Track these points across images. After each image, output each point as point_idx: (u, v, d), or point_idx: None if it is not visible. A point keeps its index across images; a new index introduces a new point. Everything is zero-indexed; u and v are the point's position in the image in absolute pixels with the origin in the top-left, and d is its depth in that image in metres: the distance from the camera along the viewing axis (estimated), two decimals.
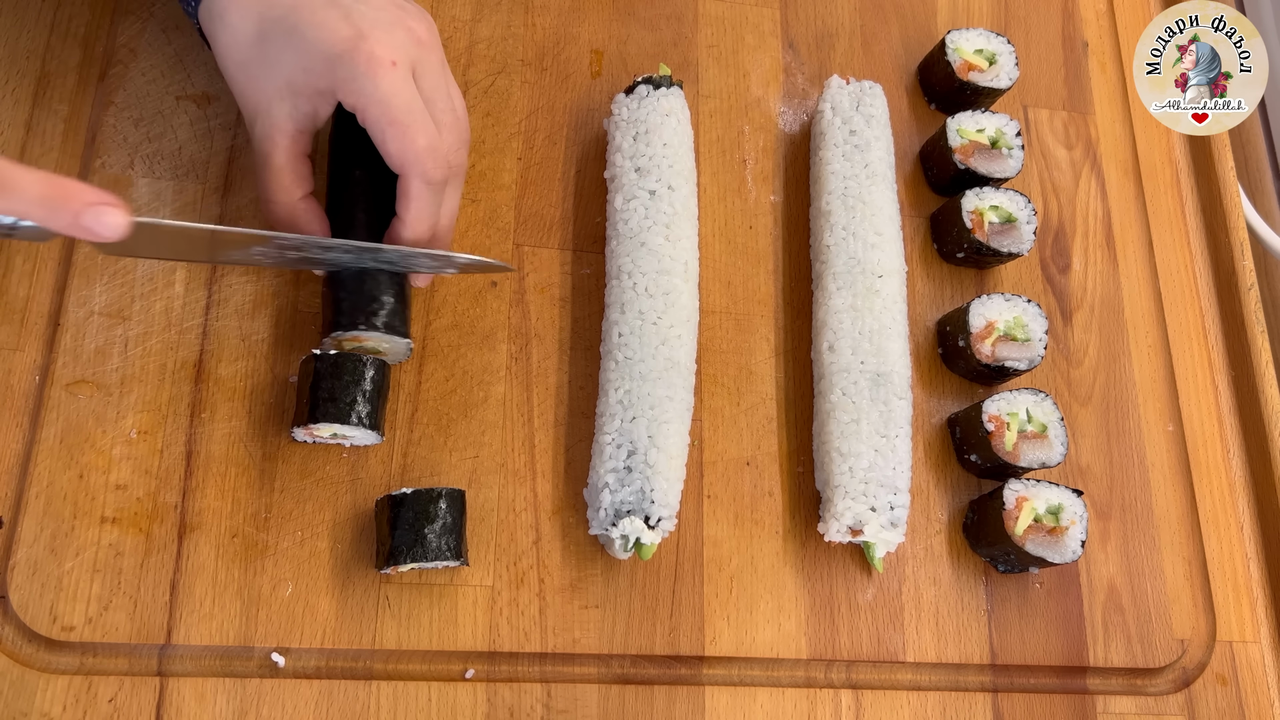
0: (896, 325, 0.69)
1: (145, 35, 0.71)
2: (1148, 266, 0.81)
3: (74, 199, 0.50)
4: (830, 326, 0.69)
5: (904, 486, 0.66)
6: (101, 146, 0.68)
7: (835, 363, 0.68)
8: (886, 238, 0.71)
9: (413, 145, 0.57)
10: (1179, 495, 0.74)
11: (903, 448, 0.66)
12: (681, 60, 0.79)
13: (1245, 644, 0.71)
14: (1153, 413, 0.76)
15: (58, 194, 0.50)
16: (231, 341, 0.65)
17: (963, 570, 0.69)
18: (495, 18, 0.77)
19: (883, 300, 0.69)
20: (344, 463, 0.64)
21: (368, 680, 0.60)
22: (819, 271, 0.72)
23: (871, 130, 0.74)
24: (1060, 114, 0.84)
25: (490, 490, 0.65)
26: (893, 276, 0.70)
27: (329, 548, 0.62)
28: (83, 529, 0.60)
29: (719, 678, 0.64)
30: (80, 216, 0.50)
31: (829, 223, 0.72)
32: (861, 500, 0.64)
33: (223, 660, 0.60)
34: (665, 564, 0.66)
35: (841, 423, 0.66)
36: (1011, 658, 0.68)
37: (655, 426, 0.63)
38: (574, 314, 0.70)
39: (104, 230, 0.51)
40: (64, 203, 0.50)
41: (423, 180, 0.59)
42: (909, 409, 0.68)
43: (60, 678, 0.58)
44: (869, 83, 0.76)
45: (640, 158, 0.69)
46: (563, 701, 0.62)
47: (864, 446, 0.65)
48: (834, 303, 0.70)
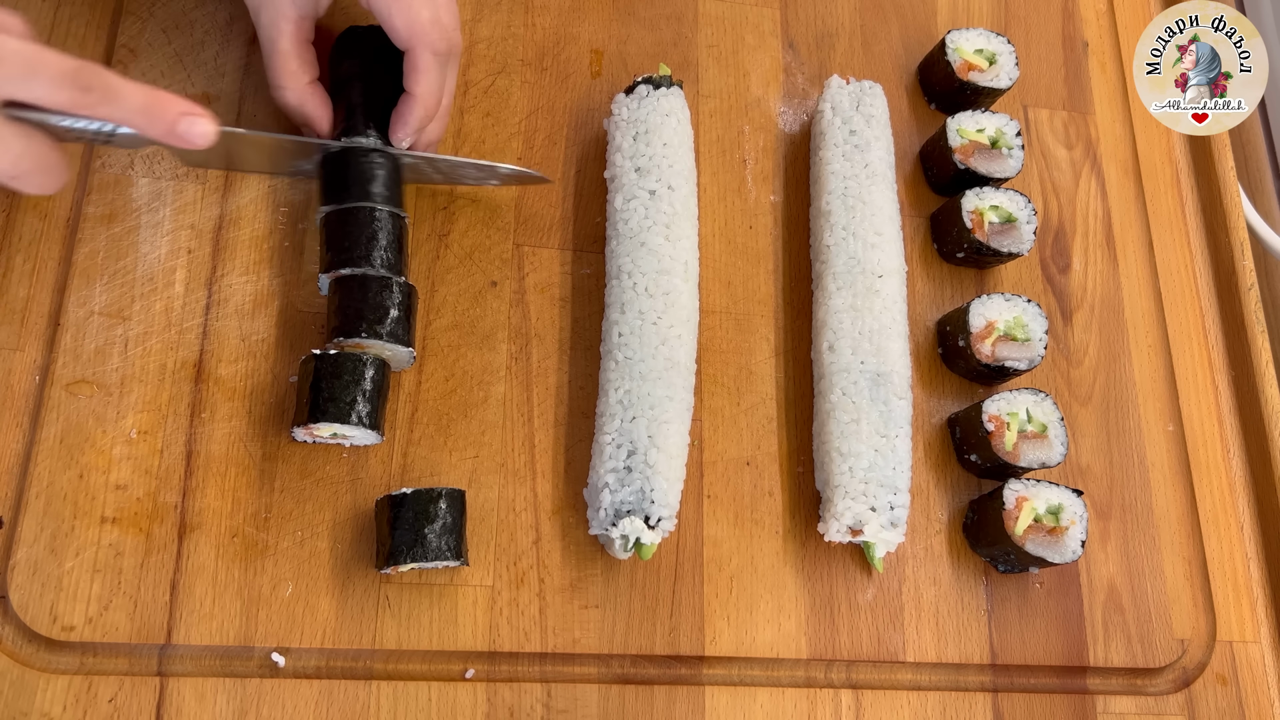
0: (896, 325, 0.69)
1: (145, 35, 0.71)
2: (1148, 266, 0.81)
3: (170, 108, 0.56)
4: (830, 326, 0.69)
5: (904, 486, 0.66)
6: (102, 147, 0.68)
7: (835, 363, 0.68)
8: (886, 238, 0.71)
9: (418, 18, 0.62)
10: (1179, 495, 0.74)
11: (903, 447, 0.66)
12: (681, 60, 0.79)
13: (1245, 644, 0.71)
14: (1153, 413, 0.76)
15: (156, 104, 0.55)
16: (231, 341, 0.65)
17: (963, 570, 0.69)
18: (495, 18, 0.77)
19: (883, 300, 0.69)
20: (344, 463, 0.64)
21: (368, 680, 0.60)
22: (819, 271, 0.72)
23: (871, 130, 0.74)
24: (1060, 114, 0.84)
25: (490, 490, 0.65)
26: (893, 276, 0.70)
27: (329, 548, 0.62)
28: (83, 529, 0.60)
29: (719, 678, 0.64)
30: (175, 124, 0.56)
31: (829, 223, 0.72)
32: (861, 500, 0.64)
33: (223, 660, 0.60)
34: (665, 564, 0.66)
35: (841, 423, 0.66)
36: (1011, 658, 0.68)
37: (655, 426, 0.63)
38: (574, 314, 0.70)
39: (195, 137, 0.56)
40: (161, 112, 0.56)
41: (430, 51, 0.63)
42: (909, 409, 0.68)
43: (60, 678, 0.58)
44: (869, 83, 0.76)
45: (640, 158, 0.69)
46: (563, 701, 0.62)
47: (864, 446, 0.65)
48: (834, 302, 0.70)
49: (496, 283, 0.70)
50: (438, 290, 0.69)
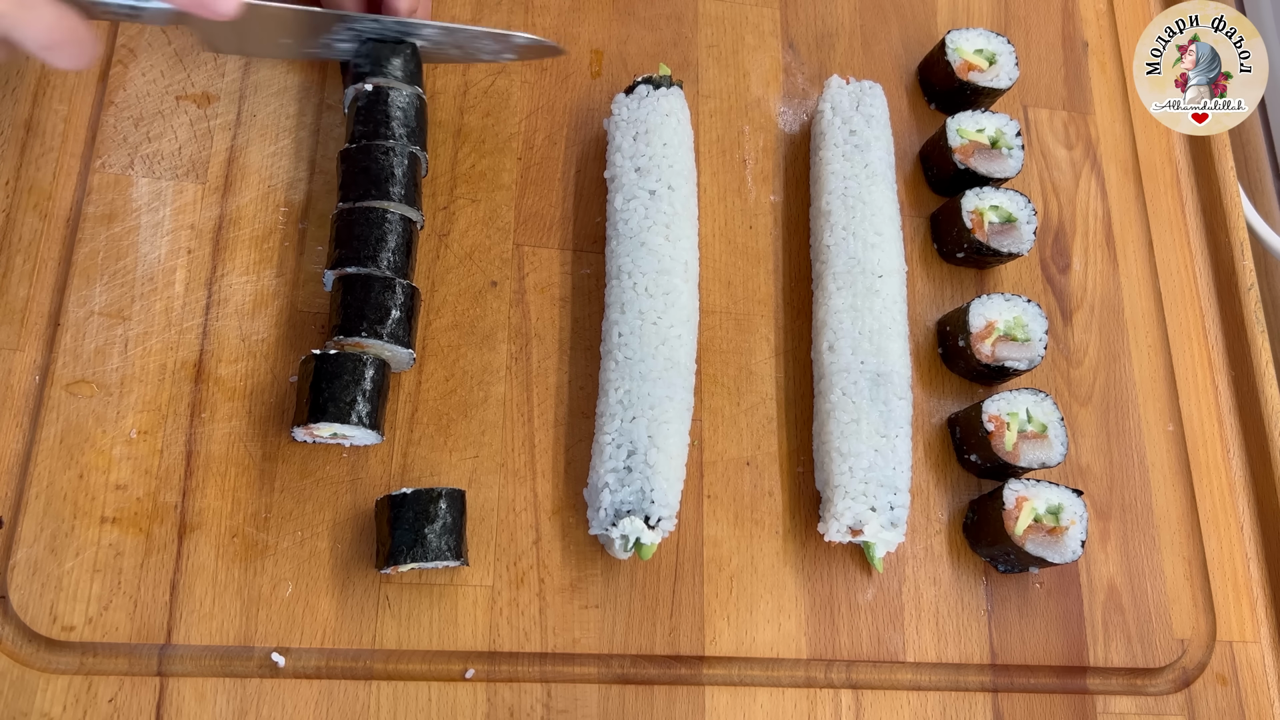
0: (896, 325, 0.69)
1: (145, 35, 0.71)
2: (1148, 266, 0.81)
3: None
4: (830, 326, 0.69)
5: (904, 486, 0.66)
6: (101, 146, 0.68)
7: (835, 362, 0.68)
8: (886, 237, 0.71)
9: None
10: (1179, 495, 0.74)
11: (903, 447, 0.66)
12: (681, 60, 0.79)
13: (1245, 644, 0.71)
14: (1153, 413, 0.76)
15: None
16: (231, 341, 0.65)
17: (963, 570, 0.69)
18: (495, 18, 0.77)
19: (883, 300, 0.69)
20: (344, 463, 0.64)
21: (368, 680, 0.60)
22: (819, 271, 0.72)
23: (871, 130, 0.74)
24: (1060, 114, 0.84)
25: (490, 490, 0.65)
26: (893, 276, 0.70)
27: (329, 548, 0.62)
28: (83, 529, 0.60)
29: (719, 678, 0.64)
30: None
31: (829, 222, 0.72)
32: (861, 500, 0.64)
33: (223, 660, 0.60)
34: (665, 564, 0.66)
35: (841, 422, 0.66)
36: (1011, 658, 0.68)
37: (655, 426, 0.63)
38: (574, 314, 0.70)
39: (221, 6, 0.57)
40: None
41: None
42: (909, 409, 0.68)
43: (60, 677, 0.58)
44: (869, 83, 0.76)
45: (640, 158, 0.69)
46: (563, 701, 0.62)
47: (864, 446, 0.65)
48: (834, 302, 0.70)
49: (496, 283, 0.70)
50: (438, 290, 0.69)
